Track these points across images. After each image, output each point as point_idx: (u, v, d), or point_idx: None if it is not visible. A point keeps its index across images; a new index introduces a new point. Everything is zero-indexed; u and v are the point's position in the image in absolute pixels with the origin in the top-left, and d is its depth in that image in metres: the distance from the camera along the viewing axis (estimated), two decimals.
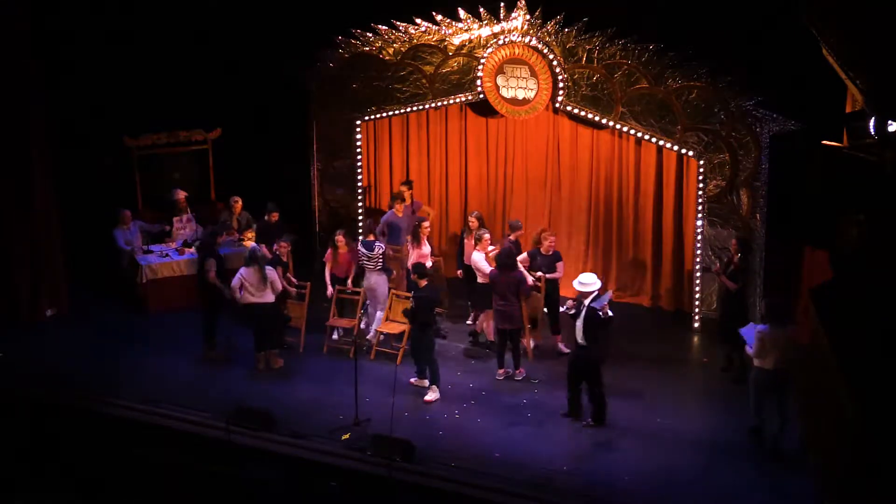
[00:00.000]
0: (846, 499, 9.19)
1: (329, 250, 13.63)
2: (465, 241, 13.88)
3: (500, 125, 15.07)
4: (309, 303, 13.52)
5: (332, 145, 15.73)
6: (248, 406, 11.65)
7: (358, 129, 15.46)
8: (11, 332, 13.82)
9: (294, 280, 13.58)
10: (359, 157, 15.56)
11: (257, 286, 12.64)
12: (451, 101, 14.83)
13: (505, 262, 12.40)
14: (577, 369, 11.47)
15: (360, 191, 15.35)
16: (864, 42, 9.40)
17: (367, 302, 13.47)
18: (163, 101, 16.10)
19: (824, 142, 11.90)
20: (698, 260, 13.62)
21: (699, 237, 13.58)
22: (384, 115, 15.29)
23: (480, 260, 13.02)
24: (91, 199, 15.95)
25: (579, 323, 11.27)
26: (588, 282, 11.33)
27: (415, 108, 15.09)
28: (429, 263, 13.34)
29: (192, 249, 14.86)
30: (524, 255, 12.99)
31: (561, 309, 12.20)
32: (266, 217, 14.45)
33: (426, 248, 13.58)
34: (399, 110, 15.17)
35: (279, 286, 12.84)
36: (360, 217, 15.59)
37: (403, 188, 14.69)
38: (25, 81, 13.77)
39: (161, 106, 16.15)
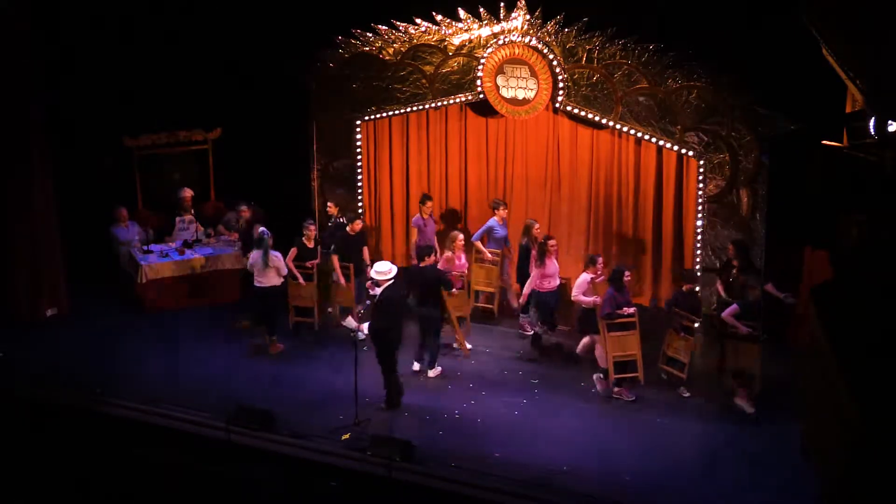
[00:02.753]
0: (846, 499, 9.19)
1: (447, 253, 13.49)
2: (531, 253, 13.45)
3: (500, 125, 15.07)
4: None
5: (332, 145, 15.72)
6: (248, 406, 11.65)
7: (358, 129, 15.45)
8: (11, 332, 13.82)
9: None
10: (359, 157, 15.56)
11: (261, 270, 13.01)
12: (451, 101, 14.83)
13: (617, 282, 12.34)
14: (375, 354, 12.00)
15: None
16: (864, 42, 9.41)
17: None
18: (163, 101, 16.10)
19: (824, 142, 11.92)
20: (698, 260, 13.61)
21: (699, 237, 13.58)
22: (384, 115, 15.29)
23: (584, 284, 12.59)
24: (91, 199, 15.95)
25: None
26: (383, 270, 11.82)
27: (415, 108, 15.09)
28: (555, 282, 13.10)
29: (192, 250, 14.87)
30: (733, 307, 11.80)
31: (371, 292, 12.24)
32: (347, 228, 14.05)
33: (552, 268, 13.15)
34: (399, 110, 15.16)
35: (284, 270, 13.28)
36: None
37: (428, 203, 14.60)
38: (25, 81, 13.76)
39: (161, 106, 16.15)
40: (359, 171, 15.60)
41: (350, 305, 13.96)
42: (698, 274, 13.05)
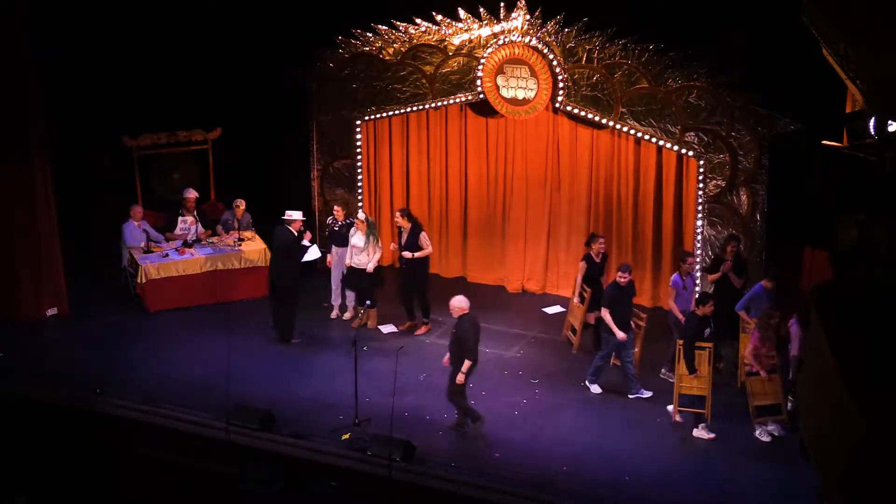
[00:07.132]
0: (846, 499, 9.20)
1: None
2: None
3: (500, 125, 15.07)
4: None
5: (332, 145, 15.73)
6: (249, 406, 11.65)
7: (358, 129, 15.46)
8: (11, 332, 13.81)
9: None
10: (359, 157, 15.57)
11: (360, 250, 13.92)
12: (451, 101, 14.83)
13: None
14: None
15: (360, 191, 15.23)
16: (864, 42, 9.40)
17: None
18: (163, 101, 16.10)
19: (824, 142, 11.92)
20: (698, 260, 13.62)
21: (699, 237, 13.59)
22: (384, 115, 15.29)
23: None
24: (91, 199, 15.95)
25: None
26: (291, 212, 13.62)
27: (415, 108, 15.09)
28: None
29: (192, 250, 14.87)
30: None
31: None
32: (619, 280, 12.40)
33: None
34: (399, 110, 15.17)
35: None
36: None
37: (689, 259, 12.85)
38: (25, 81, 13.75)
39: (161, 106, 16.14)
40: (359, 171, 15.60)
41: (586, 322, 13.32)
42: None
